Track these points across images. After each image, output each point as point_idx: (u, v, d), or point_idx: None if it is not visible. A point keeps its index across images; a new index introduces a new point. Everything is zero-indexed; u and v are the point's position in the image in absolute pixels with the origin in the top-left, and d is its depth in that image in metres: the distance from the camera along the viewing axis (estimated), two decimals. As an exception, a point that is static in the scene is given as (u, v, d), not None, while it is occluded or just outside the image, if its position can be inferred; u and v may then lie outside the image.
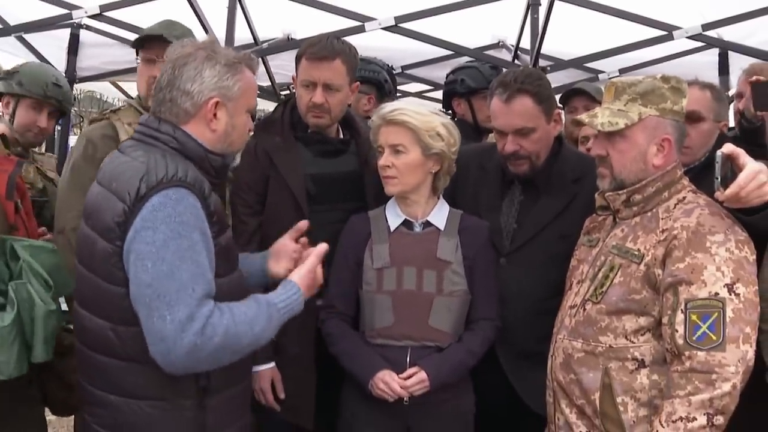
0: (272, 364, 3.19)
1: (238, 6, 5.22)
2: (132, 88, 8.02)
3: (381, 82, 4.63)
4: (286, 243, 2.86)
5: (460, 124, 3.25)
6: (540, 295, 3.09)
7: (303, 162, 3.26)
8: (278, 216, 3.20)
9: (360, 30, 5.08)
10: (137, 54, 3.63)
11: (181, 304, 2.19)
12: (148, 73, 3.51)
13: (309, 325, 3.14)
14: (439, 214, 3.08)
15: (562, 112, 3.32)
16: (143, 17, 5.18)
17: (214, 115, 2.44)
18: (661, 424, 2.36)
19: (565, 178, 3.19)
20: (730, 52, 5.90)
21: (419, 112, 3.01)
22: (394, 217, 3.08)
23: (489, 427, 3.16)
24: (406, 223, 3.06)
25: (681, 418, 2.33)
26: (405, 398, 2.90)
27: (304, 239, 2.85)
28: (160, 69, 2.64)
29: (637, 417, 2.49)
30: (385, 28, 5.17)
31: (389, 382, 2.88)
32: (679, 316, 2.41)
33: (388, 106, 3.02)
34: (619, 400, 2.51)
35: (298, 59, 3.27)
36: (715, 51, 5.99)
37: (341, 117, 3.35)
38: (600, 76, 6.17)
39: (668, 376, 2.43)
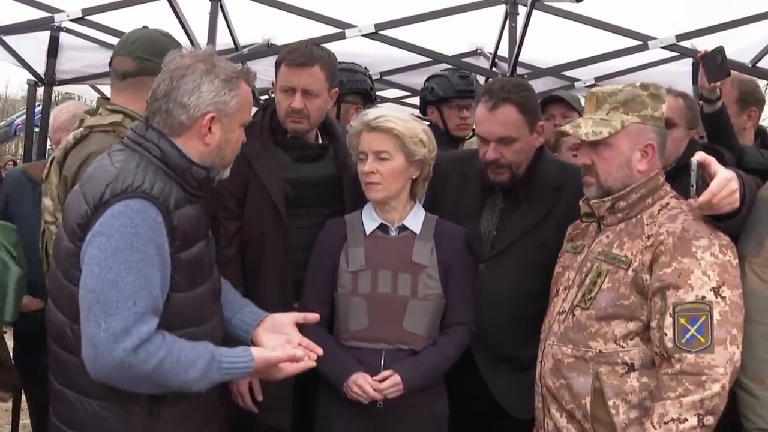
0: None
1: (220, 11, 5.24)
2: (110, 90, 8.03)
3: (367, 90, 4.66)
4: (287, 324, 2.74)
5: (434, 131, 3.30)
6: (518, 301, 3.13)
7: (282, 167, 3.29)
8: (257, 220, 3.25)
9: (340, 37, 5.12)
10: None
11: (118, 315, 2.18)
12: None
13: None
14: (415, 219, 3.11)
15: (544, 123, 3.35)
16: (125, 21, 5.20)
17: (209, 129, 2.43)
18: (653, 426, 2.41)
19: (546, 187, 3.22)
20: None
21: (402, 118, 3.05)
22: (370, 220, 3.11)
23: (464, 430, 3.19)
24: (382, 227, 3.10)
25: (673, 419, 2.38)
26: (379, 401, 2.93)
27: (306, 343, 2.68)
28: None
29: (628, 419, 2.54)
30: (365, 35, 5.20)
31: (363, 385, 2.91)
32: (668, 320, 2.46)
33: (371, 113, 3.06)
34: (610, 403, 2.56)
35: (277, 65, 3.31)
36: (689, 61, 6.05)
37: (320, 122, 3.39)
38: (576, 84, 6.26)
39: (658, 378, 2.48)
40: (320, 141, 3.46)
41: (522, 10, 5.09)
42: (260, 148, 3.29)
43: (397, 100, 7.17)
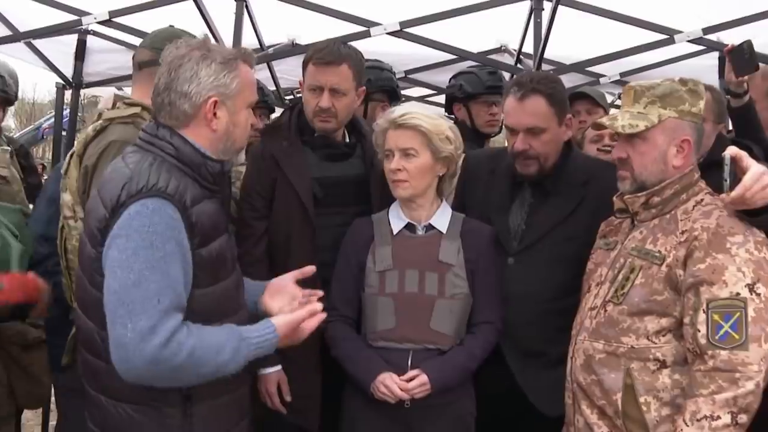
0: (279, 368, 3.22)
1: (245, 12, 5.25)
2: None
3: (394, 89, 4.66)
4: (287, 282, 2.80)
5: (460, 128, 3.29)
6: (546, 296, 3.13)
7: (310, 166, 3.30)
8: (285, 219, 3.27)
9: (365, 35, 5.10)
10: None
11: (144, 314, 2.18)
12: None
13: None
14: (442, 218, 3.11)
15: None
16: (152, 23, 5.22)
17: (214, 114, 2.43)
18: (686, 423, 2.38)
19: (574, 181, 3.22)
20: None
21: (429, 115, 3.05)
22: (397, 220, 3.11)
23: (492, 429, 3.18)
24: (409, 227, 3.10)
25: (705, 417, 2.35)
26: (406, 401, 2.92)
27: (308, 291, 2.77)
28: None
29: (660, 416, 2.52)
30: (390, 33, 5.19)
31: (390, 385, 2.91)
32: (701, 316, 2.44)
33: (397, 110, 3.06)
34: (641, 400, 2.54)
35: (305, 64, 3.32)
36: (715, 54, 5.98)
37: (347, 121, 3.40)
38: (601, 80, 6.22)
39: (691, 375, 2.45)
40: (347, 140, 3.47)
41: (547, 6, 5.06)
42: (288, 147, 3.31)
43: (421, 99, 7.17)
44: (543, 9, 5.12)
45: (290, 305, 2.68)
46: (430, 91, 6.97)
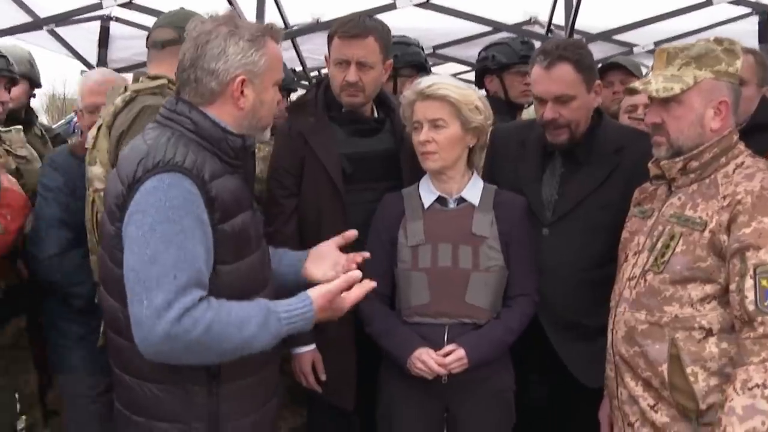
0: (313, 347, 3.19)
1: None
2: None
3: (422, 63, 4.58)
4: (330, 248, 2.77)
5: (492, 101, 3.22)
6: (583, 265, 3.08)
7: (338, 142, 3.24)
8: (315, 197, 3.22)
9: (391, 8, 5.01)
10: None
11: (159, 290, 2.13)
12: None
13: None
14: (473, 190, 3.04)
15: (604, 91, 3.26)
16: (174, 3, 5.17)
17: (242, 92, 2.36)
18: (736, 392, 2.30)
19: (606, 149, 3.14)
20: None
21: (457, 85, 2.98)
22: (427, 193, 3.04)
23: (531, 406, 3.15)
24: (440, 200, 3.03)
25: (757, 385, 2.27)
26: (443, 377, 2.88)
27: (352, 255, 2.73)
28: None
29: (708, 386, 2.44)
30: (417, 5, 5.08)
31: (426, 360, 2.85)
32: (748, 282, 2.34)
33: (424, 81, 2.99)
34: (688, 370, 2.46)
35: (330, 39, 3.26)
36: (755, 19, 5.86)
37: (375, 95, 3.33)
38: (635, 49, 6.09)
39: (739, 343, 2.37)
40: (376, 115, 3.40)
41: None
42: (315, 124, 3.25)
43: (454, 76, 7.07)
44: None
45: (334, 271, 2.66)
46: (463, 68, 6.86)
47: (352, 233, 2.78)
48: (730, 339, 2.43)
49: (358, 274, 2.48)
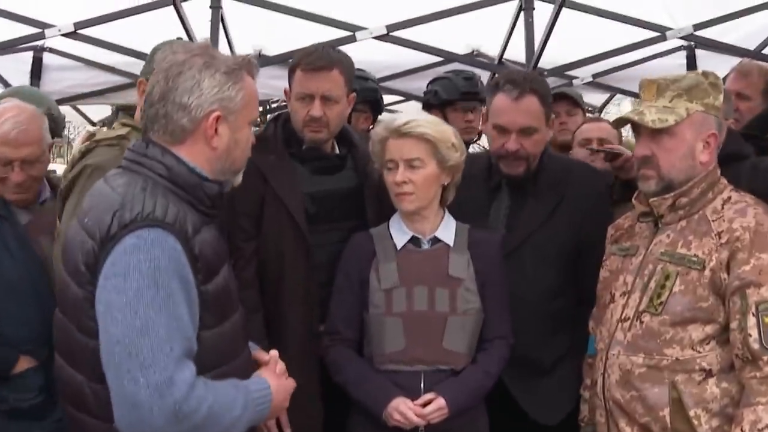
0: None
1: (220, 22, 5.07)
2: (94, 111, 7.87)
3: (377, 100, 4.50)
4: None
5: None
6: (536, 299, 3.09)
7: (300, 180, 3.10)
8: (276, 238, 3.07)
9: (351, 40, 4.95)
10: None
11: (157, 365, 1.89)
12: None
13: (311, 353, 3.00)
14: (447, 229, 2.94)
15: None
16: (119, 35, 5.01)
17: (216, 130, 2.14)
18: None
19: (551, 181, 3.18)
20: (697, 53, 6.04)
21: (433, 122, 2.90)
22: (400, 234, 2.92)
23: None
24: (413, 240, 2.92)
25: (767, 426, 2.25)
26: (421, 427, 2.76)
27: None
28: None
29: (711, 429, 2.40)
30: (376, 38, 5.06)
31: (405, 412, 2.73)
32: (751, 320, 2.33)
33: (399, 118, 2.88)
34: (691, 413, 2.42)
35: (291, 71, 3.12)
36: (683, 54, 6.10)
37: (338, 131, 3.20)
38: (574, 81, 6.15)
39: (744, 383, 2.35)
40: (337, 151, 3.27)
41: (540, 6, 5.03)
42: (275, 161, 3.10)
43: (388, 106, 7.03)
44: (534, 8, 5.04)
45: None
46: (397, 98, 6.86)
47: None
48: (729, 378, 2.41)
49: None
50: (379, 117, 4.60)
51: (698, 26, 5.19)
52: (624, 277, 2.67)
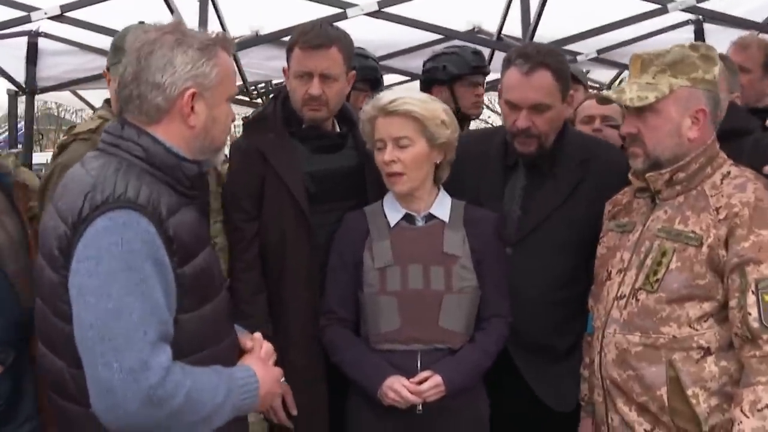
0: (282, 379, 2.98)
1: (210, 2, 5.01)
2: (94, 96, 7.84)
3: (378, 78, 4.45)
4: None
5: None
6: (551, 285, 2.97)
7: (300, 159, 3.06)
8: (277, 219, 3.02)
9: (342, 17, 4.88)
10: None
11: (131, 349, 1.84)
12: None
13: (315, 334, 2.97)
14: (442, 206, 2.89)
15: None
16: (108, 17, 4.94)
17: (192, 108, 2.09)
18: (744, 414, 2.22)
19: (571, 161, 3.03)
20: (705, 27, 5.95)
21: (421, 99, 2.83)
22: (393, 211, 2.88)
23: (507, 429, 3.00)
24: (407, 217, 2.87)
25: (767, 406, 2.21)
26: (418, 406, 2.71)
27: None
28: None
29: (710, 407, 2.36)
30: (368, 14, 4.99)
31: (399, 390, 2.69)
32: (751, 298, 2.28)
33: (385, 96, 2.82)
34: (689, 392, 2.37)
35: (290, 49, 3.07)
36: (690, 28, 6.00)
37: (338, 109, 3.15)
38: (578, 57, 6.11)
39: (744, 361, 2.31)
40: (338, 129, 3.22)
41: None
42: (275, 140, 3.06)
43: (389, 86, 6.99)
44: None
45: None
46: (401, 78, 6.77)
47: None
48: (728, 357, 2.37)
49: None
50: None
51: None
52: (621, 254, 2.62)
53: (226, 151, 3.19)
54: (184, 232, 2.04)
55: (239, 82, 6.08)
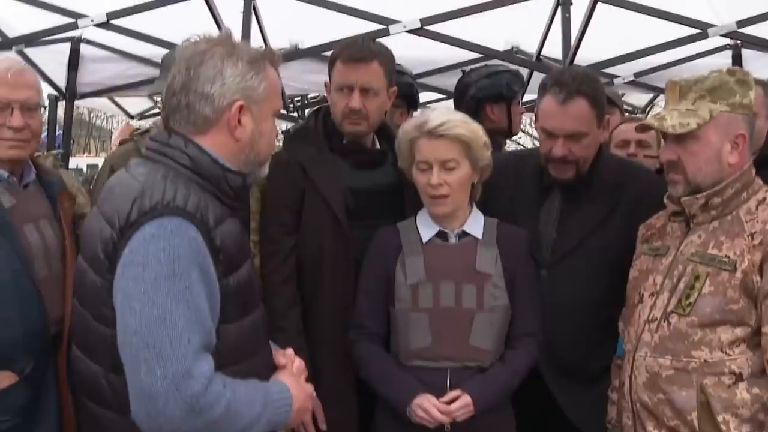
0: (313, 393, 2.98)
1: (253, 14, 5.05)
2: (131, 103, 7.92)
3: (414, 95, 4.42)
4: None
5: (491, 131, 3.08)
6: (585, 308, 2.96)
7: (340, 174, 3.06)
8: (315, 234, 3.03)
9: (384, 33, 4.89)
10: None
11: (175, 356, 1.85)
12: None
13: (346, 349, 2.95)
14: (476, 223, 2.89)
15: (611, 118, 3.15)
16: (154, 25, 4.99)
17: (239, 121, 2.11)
18: None
19: (607, 184, 3.04)
20: (743, 52, 5.93)
21: (466, 121, 2.82)
22: (426, 227, 2.88)
23: None
24: (440, 234, 2.87)
25: None
26: (446, 425, 2.70)
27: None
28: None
29: None
30: (410, 32, 5.00)
31: (429, 408, 2.68)
32: None
33: (431, 118, 2.78)
34: (719, 418, 2.36)
35: (332, 63, 3.10)
36: (728, 53, 5.95)
37: (378, 125, 3.16)
38: (615, 80, 6.08)
39: None
40: (377, 146, 3.23)
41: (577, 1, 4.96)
42: (316, 154, 3.08)
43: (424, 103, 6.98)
44: (572, 3, 4.97)
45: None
46: (437, 95, 6.78)
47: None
48: (760, 383, 2.36)
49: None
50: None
51: (742, 23, 5.01)
52: (653, 278, 2.62)
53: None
54: (229, 243, 2.06)
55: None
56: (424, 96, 6.71)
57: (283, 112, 6.79)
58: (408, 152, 2.84)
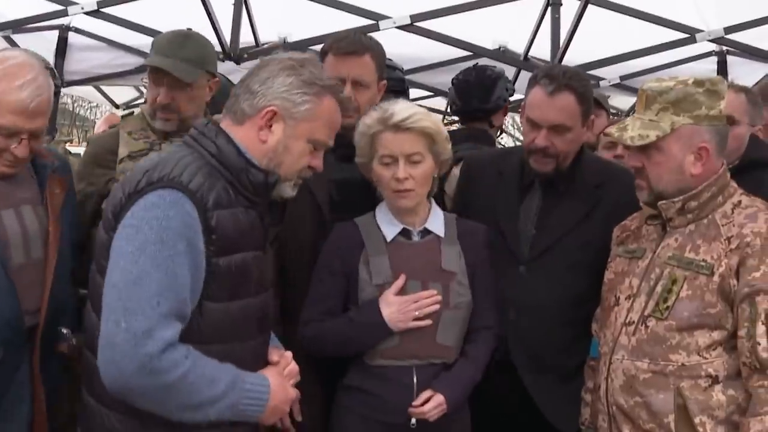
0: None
1: (243, 6, 5.08)
2: (117, 92, 7.88)
3: (404, 90, 4.40)
4: None
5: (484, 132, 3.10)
6: (562, 305, 2.98)
7: (327, 167, 3.04)
8: (298, 224, 3.00)
9: (374, 28, 4.92)
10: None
11: (140, 314, 1.98)
12: (153, 94, 3.22)
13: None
14: (437, 220, 2.89)
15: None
16: (144, 14, 4.99)
17: (268, 125, 2.25)
18: None
19: (588, 184, 3.06)
20: (729, 59, 5.98)
21: (429, 114, 2.83)
22: (389, 225, 2.85)
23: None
24: (403, 232, 2.85)
25: None
26: (412, 420, 2.70)
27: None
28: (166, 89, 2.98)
29: None
30: (399, 27, 5.05)
31: (396, 300, 2.71)
32: (760, 328, 2.31)
33: (396, 111, 2.77)
34: (696, 420, 2.39)
35: (323, 55, 3.12)
36: (714, 59, 6.01)
37: None
38: (601, 83, 6.09)
39: (752, 391, 2.32)
40: None
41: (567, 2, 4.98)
42: None
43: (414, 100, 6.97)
44: (561, 4, 5.00)
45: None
46: (424, 93, 6.76)
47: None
48: (736, 386, 2.38)
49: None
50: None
51: (730, 29, 5.05)
52: (630, 280, 2.63)
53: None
54: (229, 227, 2.17)
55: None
56: (411, 93, 6.74)
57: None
58: (368, 147, 2.82)
